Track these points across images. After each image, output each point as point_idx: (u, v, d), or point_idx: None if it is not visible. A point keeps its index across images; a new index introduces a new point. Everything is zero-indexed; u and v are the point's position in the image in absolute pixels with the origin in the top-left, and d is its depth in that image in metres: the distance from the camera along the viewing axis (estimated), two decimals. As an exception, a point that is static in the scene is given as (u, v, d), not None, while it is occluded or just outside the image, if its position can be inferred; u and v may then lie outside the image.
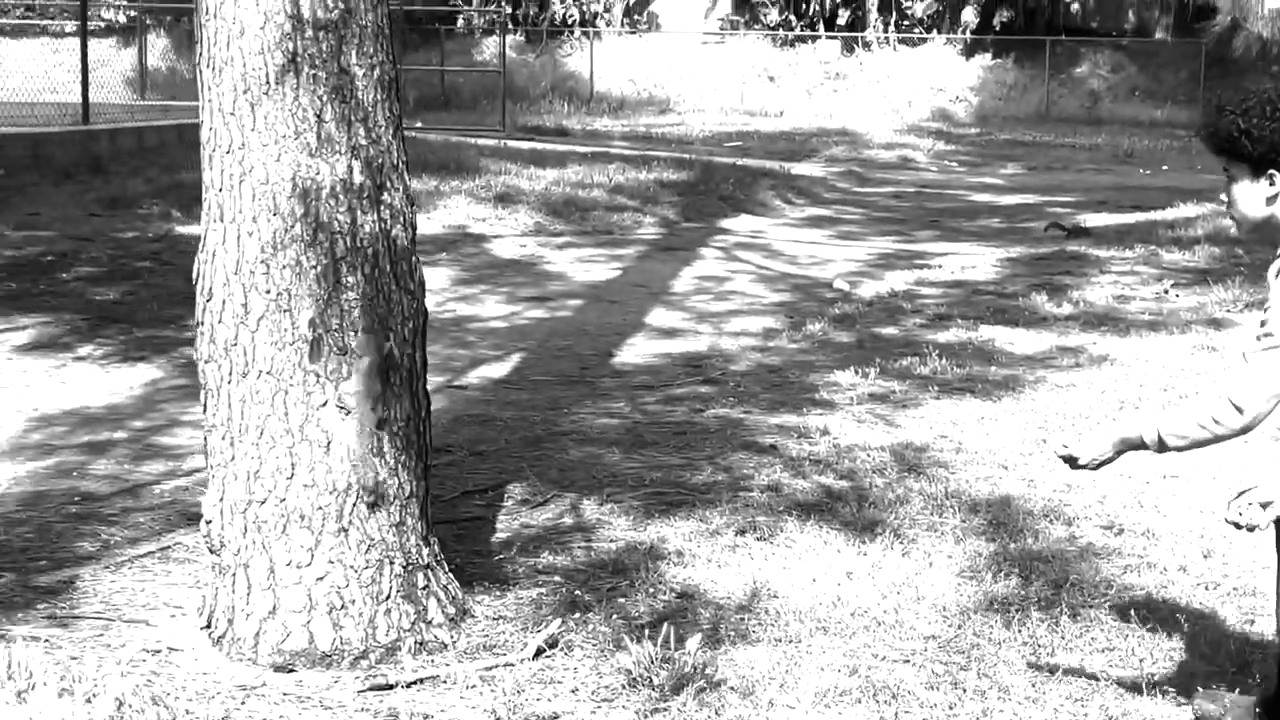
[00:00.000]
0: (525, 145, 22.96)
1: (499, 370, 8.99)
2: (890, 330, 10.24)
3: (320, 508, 4.65)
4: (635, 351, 9.62)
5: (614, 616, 5.03)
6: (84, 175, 16.50)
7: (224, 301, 4.66)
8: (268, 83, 4.53)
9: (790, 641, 4.81)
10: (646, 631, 4.73)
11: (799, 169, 22.81)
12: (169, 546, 5.67)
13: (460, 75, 36.50)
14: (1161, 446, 3.84)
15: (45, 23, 39.87)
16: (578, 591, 5.24)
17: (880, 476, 6.66)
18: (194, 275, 4.77)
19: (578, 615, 5.02)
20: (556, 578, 5.40)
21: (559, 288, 12.20)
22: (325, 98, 4.56)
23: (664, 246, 14.84)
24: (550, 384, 8.59)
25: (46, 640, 4.72)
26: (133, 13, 36.18)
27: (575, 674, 4.57)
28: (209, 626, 4.80)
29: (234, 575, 4.73)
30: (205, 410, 4.79)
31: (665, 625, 4.70)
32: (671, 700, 4.34)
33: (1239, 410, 3.69)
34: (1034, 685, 4.53)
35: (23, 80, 21.07)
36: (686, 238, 15.52)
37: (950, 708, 4.38)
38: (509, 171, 18.32)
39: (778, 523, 5.98)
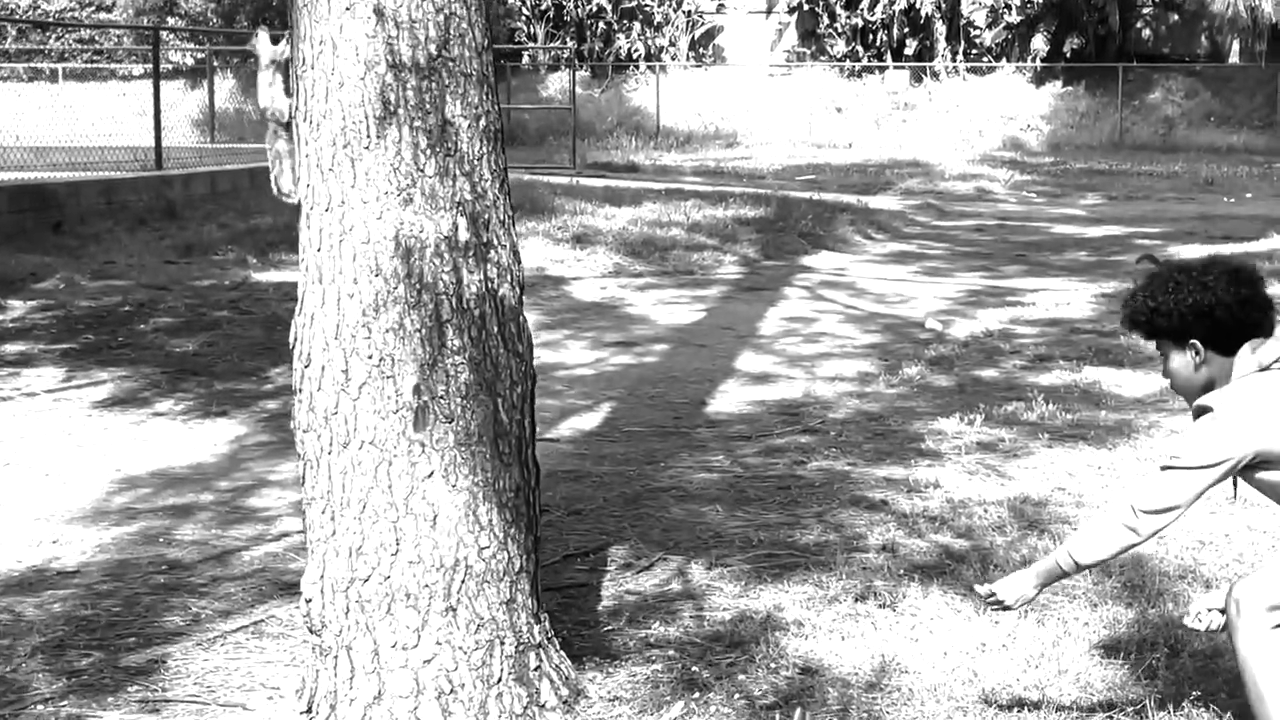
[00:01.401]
0: (597, 183, 22.75)
1: (590, 421, 8.71)
2: (990, 372, 9.91)
3: (427, 585, 4.38)
4: (728, 399, 9.33)
5: (736, 696, 4.72)
6: (158, 221, 16.41)
7: (323, 367, 4.39)
8: (368, 136, 4.28)
9: (928, 723, 4.50)
10: (777, 715, 4.43)
11: (875, 202, 22.47)
12: (262, 620, 5.42)
13: (526, 112, 36.41)
14: (1077, 567, 4.09)
15: (113, 66, 40.15)
16: (694, 668, 4.94)
17: (1000, 535, 6.33)
18: (291, 339, 4.51)
19: (697, 695, 4.72)
20: (670, 651, 5.10)
21: (644, 331, 11.93)
22: (428, 151, 4.30)
23: (746, 286, 14.55)
24: (644, 435, 8.31)
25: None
26: (200, 55, 36.33)
27: (702, 763, 4.27)
28: (309, 712, 4.53)
29: (336, 658, 4.46)
30: (304, 482, 4.52)
31: (796, 708, 4.40)
32: (809, 794, 4.03)
33: (1134, 516, 3.95)
34: (1198, 772, 4.19)
35: (91, 124, 21.07)
36: (768, 276, 15.23)
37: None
38: (584, 211, 18.10)
39: (898, 587, 5.66)
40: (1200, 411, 3.98)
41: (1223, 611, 4.10)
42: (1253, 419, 3.91)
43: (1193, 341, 4.05)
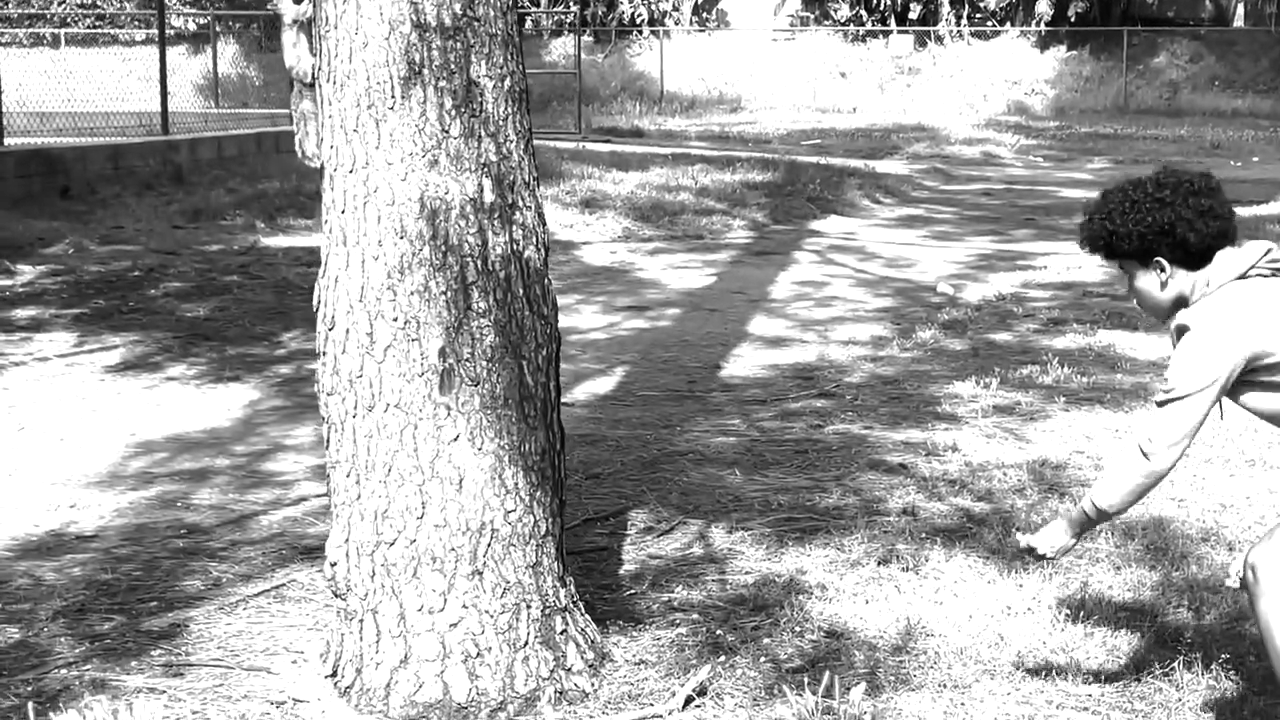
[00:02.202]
0: (604, 148, 22.69)
1: (605, 385, 8.68)
2: (1004, 336, 9.87)
3: (453, 549, 4.35)
4: (743, 363, 9.30)
5: (762, 660, 4.70)
6: (165, 186, 16.36)
7: (347, 330, 4.35)
8: (393, 97, 4.23)
9: (956, 687, 4.47)
10: (804, 678, 4.41)
11: (883, 167, 22.41)
12: (283, 584, 5.40)
13: (530, 77, 36.25)
14: (1102, 515, 4.01)
15: (115, 31, 39.98)
16: (719, 631, 4.92)
17: (1021, 498, 6.31)
18: (314, 302, 4.47)
19: (723, 659, 4.70)
20: (694, 615, 5.08)
21: (655, 295, 11.89)
22: (453, 112, 4.26)
23: (756, 250, 14.50)
24: (659, 399, 8.28)
25: (165, 693, 4.46)
26: (203, 20, 36.18)
27: (730, 726, 4.25)
28: (335, 675, 4.51)
29: (361, 621, 4.44)
30: (328, 446, 4.49)
31: (824, 672, 4.38)
32: (839, 757, 4.01)
33: (1147, 457, 3.88)
34: (1228, 735, 4.18)
35: (95, 90, 20.97)
36: (778, 240, 15.18)
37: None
38: (591, 175, 18.05)
39: (920, 551, 5.64)
40: (1180, 332, 3.89)
41: None
42: (1235, 328, 3.81)
43: (1157, 259, 3.93)
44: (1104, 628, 4.88)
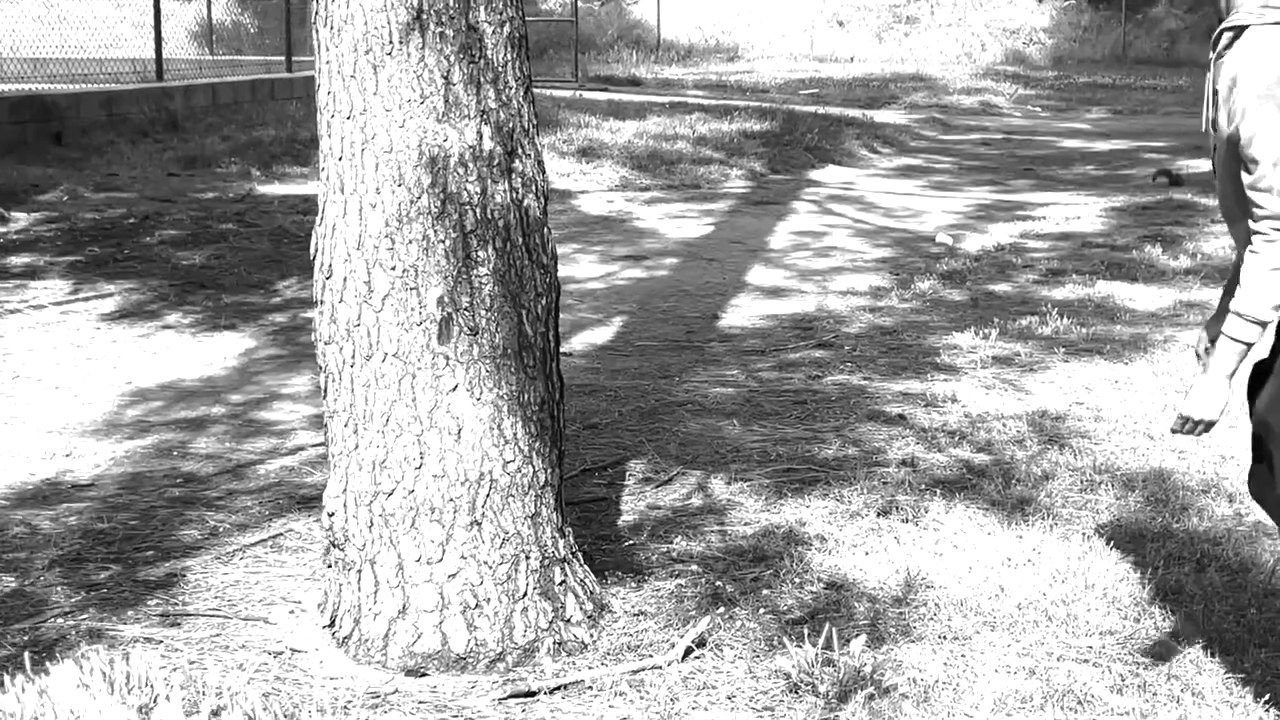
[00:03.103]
0: (601, 96, 22.57)
1: (602, 335, 8.64)
2: (1003, 287, 9.83)
3: (451, 499, 4.33)
4: (741, 313, 9.26)
5: (762, 611, 4.68)
6: (160, 133, 16.26)
7: (345, 279, 4.31)
8: (391, 42, 4.17)
9: (957, 639, 4.46)
10: (804, 630, 4.39)
11: (881, 116, 22.30)
12: (280, 534, 5.37)
13: (527, 25, 36.02)
14: (1259, 327, 3.66)
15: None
16: (719, 583, 4.90)
17: (1021, 449, 6.29)
18: (311, 250, 4.43)
19: (723, 610, 4.68)
20: (694, 566, 5.06)
21: (653, 245, 11.83)
22: (453, 58, 4.20)
23: (754, 200, 14.43)
24: (657, 349, 8.25)
25: (161, 642, 4.44)
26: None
27: (729, 678, 4.23)
28: (332, 626, 4.50)
29: (359, 572, 4.41)
30: (326, 395, 4.46)
31: (824, 624, 4.37)
32: (839, 709, 3.99)
33: None
34: (1229, 689, 4.15)
35: (88, 36, 20.81)
36: (776, 190, 15.11)
37: (1144, 716, 4.01)
38: (589, 124, 17.94)
39: (920, 502, 5.62)
40: (1232, 79, 3.61)
41: None
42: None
43: None
44: (1105, 580, 4.86)
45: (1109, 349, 8.00)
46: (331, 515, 4.49)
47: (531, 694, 4.13)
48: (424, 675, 4.26)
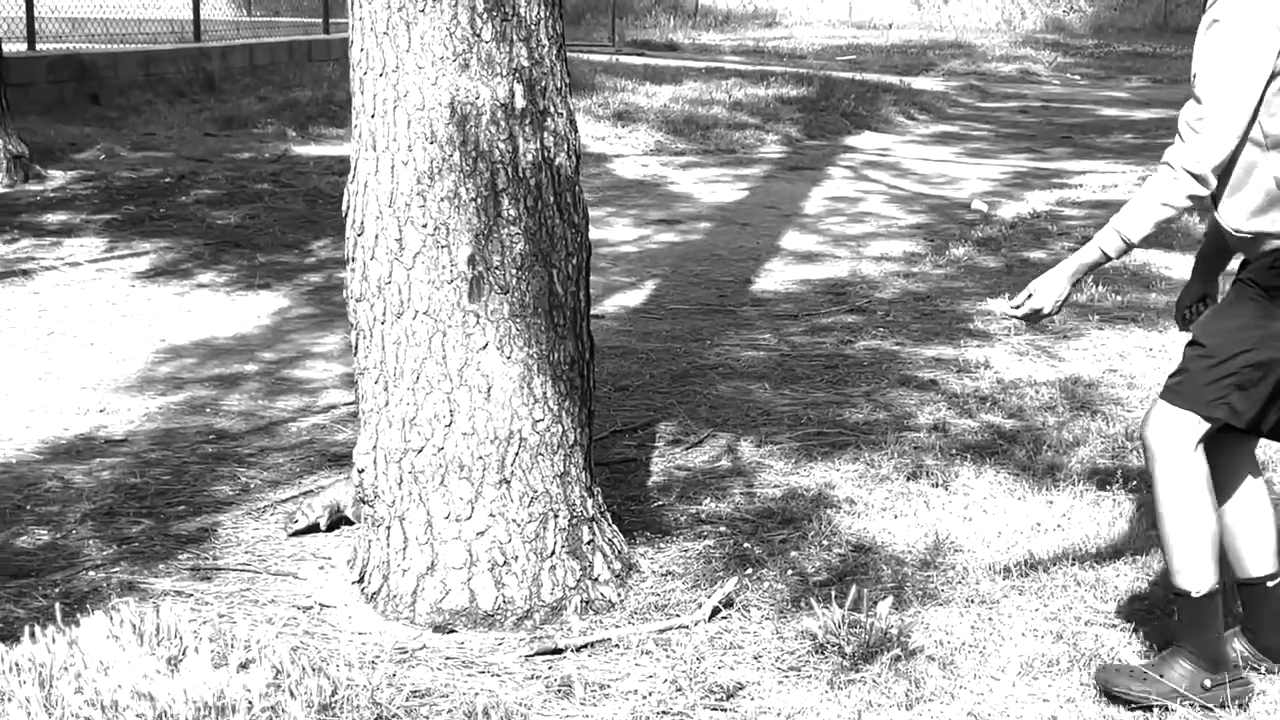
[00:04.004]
0: (637, 60, 22.51)
1: (635, 298, 8.64)
2: (1038, 254, 9.79)
3: (480, 457, 4.34)
4: (774, 278, 9.24)
5: (789, 573, 4.69)
6: (197, 94, 16.29)
7: (377, 236, 4.32)
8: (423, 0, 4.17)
9: (984, 603, 4.45)
10: (831, 592, 4.38)
11: (918, 83, 22.20)
12: (311, 490, 5.39)
13: (565, -11, 35.90)
14: (1126, 247, 3.84)
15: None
16: (746, 544, 4.90)
17: (1052, 415, 6.27)
18: (343, 207, 4.44)
19: (750, 571, 4.69)
20: (721, 528, 5.06)
21: (687, 209, 11.81)
22: (485, 15, 4.19)
23: (790, 165, 14.40)
24: (689, 313, 8.24)
25: (191, 596, 4.47)
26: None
27: (755, 638, 4.24)
28: (361, 581, 4.52)
29: (389, 528, 4.43)
30: (356, 352, 4.48)
31: (851, 585, 4.37)
32: (864, 669, 3.99)
33: (1196, 178, 3.66)
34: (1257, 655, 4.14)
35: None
36: (811, 156, 15.07)
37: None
38: (624, 88, 17.91)
39: (950, 467, 5.61)
40: (1205, 25, 3.65)
41: None
42: (1271, 14, 3.57)
43: None
44: (1134, 545, 4.85)
45: (1143, 317, 7.96)
46: (361, 472, 4.51)
47: (558, 651, 4.14)
48: (451, 632, 4.28)
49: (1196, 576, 3.79)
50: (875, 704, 3.82)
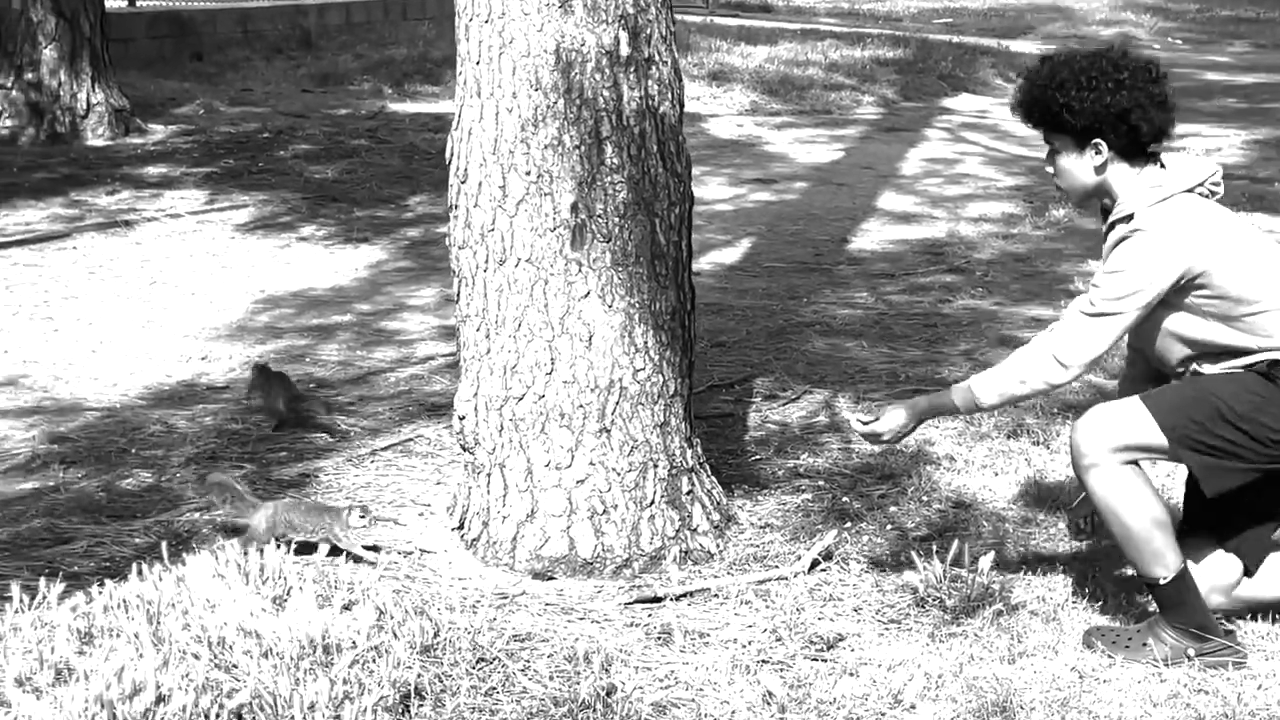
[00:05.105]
0: (731, 22, 22.39)
1: (731, 256, 8.61)
2: (1139, 217, 9.64)
3: (581, 406, 4.34)
4: (870, 238, 9.18)
5: (888, 527, 4.67)
6: (294, 50, 16.39)
7: (480, 183, 4.32)
8: (531, -55, 4.16)
9: (1087, 561, 4.41)
10: (931, 546, 4.36)
11: (1016, 46, 21.92)
12: (410, 439, 5.42)
13: (659, -50, 35.71)
14: (974, 409, 3.93)
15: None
16: (844, 499, 4.88)
17: (1155, 376, 6.18)
18: (448, 154, 4.44)
19: (848, 525, 4.67)
20: (819, 482, 5.05)
21: (782, 169, 11.75)
22: (592, -39, 4.17)
23: (886, 127, 14.28)
24: (785, 271, 8.21)
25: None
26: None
27: (855, 591, 4.22)
28: (461, 528, 4.54)
29: (489, 475, 4.44)
30: (458, 299, 4.48)
31: (951, 540, 4.34)
32: (966, 623, 3.97)
33: (1064, 368, 3.76)
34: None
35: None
36: (908, 117, 14.93)
37: (1261, 636, 3.95)
38: (719, 49, 17.80)
39: (1050, 425, 5.56)
40: (1121, 238, 3.70)
41: None
42: (1188, 238, 3.64)
43: (1097, 141, 3.74)
44: (1239, 507, 4.77)
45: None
46: (462, 419, 4.52)
47: (658, 600, 4.14)
48: (551, 578, 4.29)
49: (1163, 563, 3.75)
50: (977, 657, 3.79)
